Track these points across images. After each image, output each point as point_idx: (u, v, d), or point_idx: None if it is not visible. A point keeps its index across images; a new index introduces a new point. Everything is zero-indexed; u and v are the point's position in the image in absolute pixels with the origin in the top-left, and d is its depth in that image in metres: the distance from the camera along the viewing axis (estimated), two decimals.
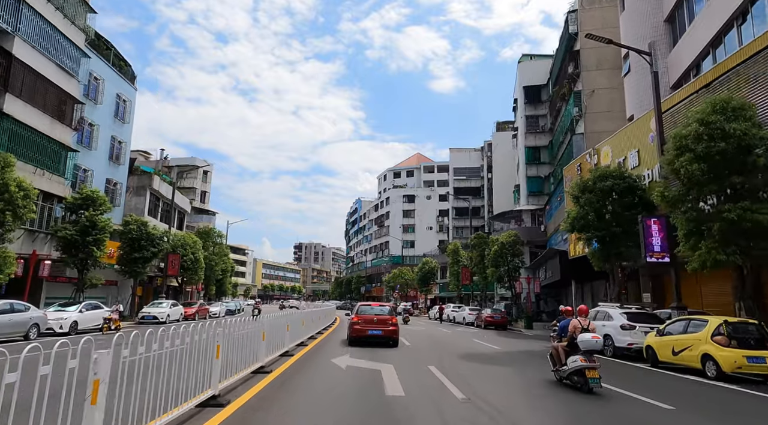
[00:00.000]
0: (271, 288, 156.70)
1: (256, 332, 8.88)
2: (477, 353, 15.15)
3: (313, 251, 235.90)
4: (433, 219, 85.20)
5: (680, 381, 10.35)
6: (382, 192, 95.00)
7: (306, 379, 8.77)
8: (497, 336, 23.92)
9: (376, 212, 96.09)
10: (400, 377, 9.22)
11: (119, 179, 32.63)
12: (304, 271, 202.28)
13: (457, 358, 13.30)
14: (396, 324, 15.85)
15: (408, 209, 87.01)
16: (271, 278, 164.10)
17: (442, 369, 10.69)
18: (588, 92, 30.03)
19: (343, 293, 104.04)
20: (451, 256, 48.59)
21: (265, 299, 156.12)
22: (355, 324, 15.50)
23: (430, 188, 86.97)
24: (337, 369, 10.16)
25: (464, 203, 67.26)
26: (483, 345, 18.12)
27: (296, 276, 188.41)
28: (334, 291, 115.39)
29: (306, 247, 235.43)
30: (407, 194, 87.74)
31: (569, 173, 25.65)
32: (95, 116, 29.62)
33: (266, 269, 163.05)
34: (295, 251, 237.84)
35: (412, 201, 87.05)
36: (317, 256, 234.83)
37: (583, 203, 18.16)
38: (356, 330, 15.34)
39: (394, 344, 15.53)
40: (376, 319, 15.55)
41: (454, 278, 48.46)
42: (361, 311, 16.14)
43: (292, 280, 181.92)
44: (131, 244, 27.92)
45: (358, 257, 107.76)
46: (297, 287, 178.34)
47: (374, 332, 15.27)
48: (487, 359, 13.65)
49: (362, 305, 17.20)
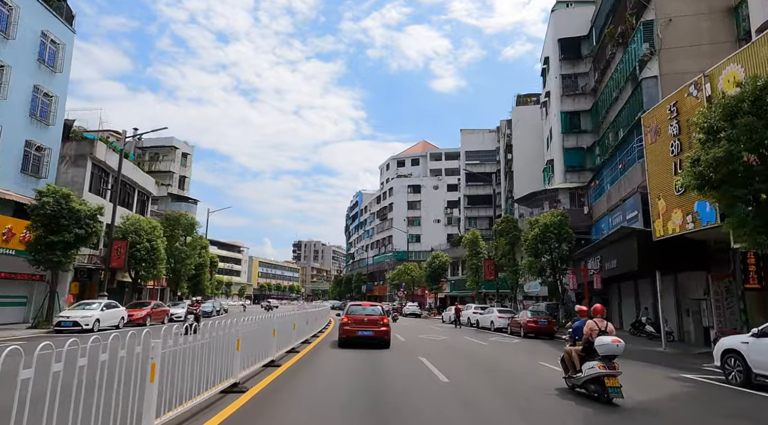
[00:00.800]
0: (267, 288, 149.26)
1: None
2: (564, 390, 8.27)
3: (312, 249, 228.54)
4: (441, 211, 77.67)
5: None
6: (385, 183, 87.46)
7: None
8: (554, 349, 16.45)
9: (378, 204, 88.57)
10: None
11: (47, 144, 25.19)
12: (303, 270, 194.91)
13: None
14: (387, 325, 15.29)
15: (413, 200, 79.45)
16: (268, 277, 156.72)
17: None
18: (663, 22, 22.46)
19: (342, 293, 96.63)
20: (469, 247, 41.12)
21: (260, 299, 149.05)
22: (345, 325, 15.01)
23: (438, 177, 79.43)
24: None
25: (478, 190, 59.71)
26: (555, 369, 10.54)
27: (295, 275, 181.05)
28: (334, 290, 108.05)
29: (305, 245, 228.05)
30: (412, 184, 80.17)
31: (654, 120, 18.09)
32: (3, 54, 22.16)
33: (263, 267, 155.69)
34: (294, 249, 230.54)
35: (417, 191, 79.49)
36: (317, 254, 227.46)
37: (736, 134, 10.63)
38: (346, 331, 14.88)
39: (385, 345, 14.97)
40: (366, 319, 15.06)
41: (472, 274, 40.98)
42: (352, 312, 15.63)
43: (291, 279, 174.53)
44: (46, 223, 20.45)
45: (358, 254, 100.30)
46: (295, 287, 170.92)
47: (365, 333, 14.79)
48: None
49: (353, 306, 16.55)
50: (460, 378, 9.62)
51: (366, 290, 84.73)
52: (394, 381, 9.04)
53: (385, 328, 14.94)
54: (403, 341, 18.07)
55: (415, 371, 10.48)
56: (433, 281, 50.48)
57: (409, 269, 56.75)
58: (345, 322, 15.06)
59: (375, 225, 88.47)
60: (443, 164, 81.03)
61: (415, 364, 11.57)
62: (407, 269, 56.81)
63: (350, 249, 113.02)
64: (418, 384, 8.79)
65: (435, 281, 50.35)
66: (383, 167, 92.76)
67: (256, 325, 8.96)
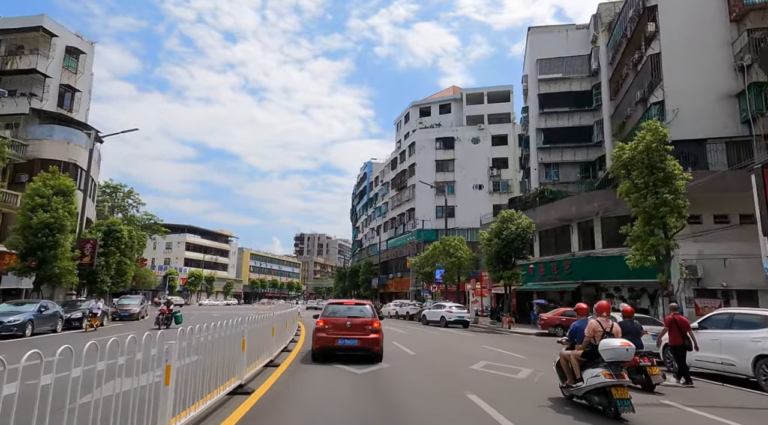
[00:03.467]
0: (260, 284, 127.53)
1: None
2: None
3: (316, 243, 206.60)
4: (484, 173, 55.18)
5: None
6: (403, 139, 65.02)
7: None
8: None
9: (392, 170, 66.12)
10: None
11: None
12: (305, 265, 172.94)
13: None
14: (379, 331, 11.05)
15: (444, 158, 56.96)
16: (262, 273, 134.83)
17: None
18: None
19: (346, 289, 74.37)
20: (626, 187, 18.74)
21: (252, 297, 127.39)
22: (319, 331, 10.92)
23: (478, 126, 56.79)
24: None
25: (560, 121, 37.04)
26: None
27: (295, 271, 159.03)
28: (336, 286, 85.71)
29: (308, 238, 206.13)
30: (442, 137, 57.64)
31: None
32: None
33: (256, 261, 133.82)
34: (296, 243, 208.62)
35: (449, 147, 56.97)
36: (321, 249, 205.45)
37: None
38: (321, 340, 10.83)
39: (376, 358, 10.96)
40: (349, 324, 10.91)
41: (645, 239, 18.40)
42: (331, 313, 11.42)
43: (290, 275, 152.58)
44: None
45: (368, 240, 77.96)
46: (295, 284, 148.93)
47: (346, 341, 10.71)
48: None
49: (332, 305, 12.13)
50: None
51: (378, 285, 62.39)
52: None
53: (374, 335, 10.87)
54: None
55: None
56: (501, 265, 27.84)
57: (452, 246, 34.21)
58: (320, 327, 10.95)
59: (390, 198, 66.02)
60: (486, 109, 58.39)
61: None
62: (449, 247, 34.27)
63: (357, 235, 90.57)
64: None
65: (505, 263, 27.72)
66: (400, 120, 70.11)
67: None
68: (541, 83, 37.61)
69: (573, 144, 35.93)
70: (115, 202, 79.57)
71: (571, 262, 28.65)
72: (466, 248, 34.26)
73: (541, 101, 37.51)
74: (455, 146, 56.83)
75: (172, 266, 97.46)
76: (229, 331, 6.70)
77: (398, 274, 59.64)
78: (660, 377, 8.74)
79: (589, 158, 35.56)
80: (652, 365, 8.74)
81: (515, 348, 16.04)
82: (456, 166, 56.21)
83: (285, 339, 13.24)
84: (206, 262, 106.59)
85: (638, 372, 8.81)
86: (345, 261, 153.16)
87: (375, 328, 10.99)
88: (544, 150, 36.81)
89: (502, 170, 55.03)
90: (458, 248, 33.72)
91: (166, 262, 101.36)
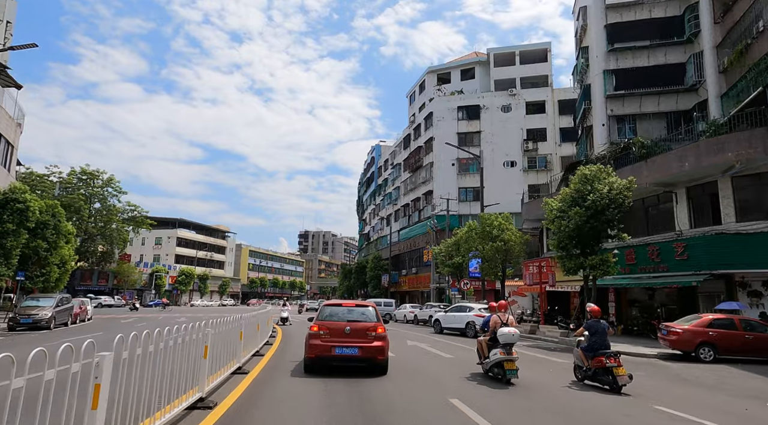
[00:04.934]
0: (261, 284, 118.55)
1: None
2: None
3: (321, 240, 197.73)
4: (517, 147, 45.78)
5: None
6: (417, 113, 55.65)
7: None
8: None
9: (405, 149, 56.79)
10: None
11: None
12: (309, 263, 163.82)
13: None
14: (384, 338, 9.44)
15: (467, 130, 47.57)
16: (263, 271, 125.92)
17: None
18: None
19: (352, 288, 65.09)
20: None
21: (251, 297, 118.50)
22: (314, 338, 9.33)
23: (509, 91, 47.29)
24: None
25: (638, 60, 27.43)
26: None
27: (298, 269, 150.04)
28: (342, 285, 76.42)
29: (313, 236, 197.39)
30: (465, 105, 48.22)
31: None
32: None
33: (255, 258, 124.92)
34: (300, 240, 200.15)
35: (474, 117, 47.57)
36: (326, 247, 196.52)
37: None
38: (316, 348, 9.23)
39: (379, 370, 9.42)
40: (349, 329, 9.31)
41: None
42: (327, 316, 9.80)
43: (293, 274, 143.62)
44: None
45: (376, 232, 68.66)
46: (298, 283, 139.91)
47: (345, 350, 9.12)
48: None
49: (328, 306, 10.30)
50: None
51: (389, 282, 53.02)
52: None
53: (378, 343, 9.30)
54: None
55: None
56: (582, 248, 18.22)
57: (494, 226, 24.68)
58: (314, 333, 9.34)
59: (402, 182, 56.65)
60: (518, 71, 48.83)
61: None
62: (490, 227, 24.71)
63: (363, 228, 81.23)
64: None
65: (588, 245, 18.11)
66: (413, 92, 60.61)
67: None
68: (610, 11, 28.09)
69: (656, 89, 26.38)
70: (91, 190, 71.02)
71: (687, 244, 19.11)
72: (514, 228, 24.81)
73: (609, 34, 27.98)
74: (481, 115, 47.39)
75: (161, 264, 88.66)
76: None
77: (413, 270, 50.29)
78: (626, 377, 8.52)
79: (679, 107, 25.98)
80: (618, 365, 8.56)
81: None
82: (483, 139, 46.76)
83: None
84: (200, 259, 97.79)
85: (605, 373, 8.71)
86: (351, 259, 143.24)
87: (379, 334, 9.39)
88: (616, 99, 27.26)
89: (540, 143, 45.53)
90: (504, 228, 24.26)
91: (156, 259, 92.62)
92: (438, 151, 48.05)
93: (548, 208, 19.44)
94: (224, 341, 8.00)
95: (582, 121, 31.57)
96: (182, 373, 5.59)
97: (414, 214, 52.58)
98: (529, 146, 45.42)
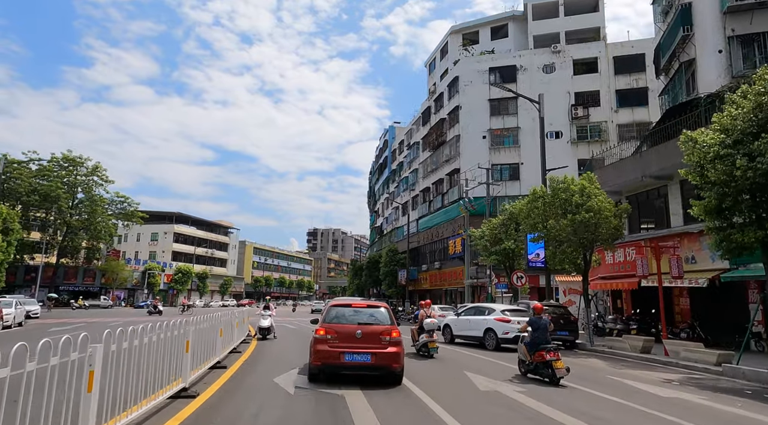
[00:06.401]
0: (266, 283, 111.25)
1: None
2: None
3: (330, 238, 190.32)
4: (562, 115, 37.72)
5: None
6: (438, 82, 47.67)
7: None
8: None
9: (425, 124, 48.87)
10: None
11: None
12: (317, 262, 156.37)
13: None
14: (399, 343, 8.40)
15: (501, 96, 39.52)
16: (268, 270, 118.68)
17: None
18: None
19: (363, 286, 57.26)
20: None
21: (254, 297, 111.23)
22: (320, 342, 8.28)
23: (552, 47, 39.16)
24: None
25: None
26: None
27: (306, 268, 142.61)
28: (351, 284, 68.53)
29: (322, 234, 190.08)
30: (498, 67, 40.22)
31: None
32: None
33: (260, 256, 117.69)
34: (309, 238, 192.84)
35: (509, 80, 39.54)
36: (336, 245, 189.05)
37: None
38: (323, 354, 8.17)
39: (393, 379, 8.37)
40: (360, 333, 8.28)
41: None
42: (334, 317, 8.71)
43: (300, 273, 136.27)
44: None
45: (389, 223, 60.77)
46: (306, 282, 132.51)
47: (356, 357, 8.08)
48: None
49: (335, 307, 9.07)
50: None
51: (406, 279, 45.10)
52: None
53: (394, 349, 8.25)
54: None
55: None
56: (754, 213, 10.36)
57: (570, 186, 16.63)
58: (321, 337, 8.29)
59: (421, 163, 48.72)
60: (563, 24, 40.59)
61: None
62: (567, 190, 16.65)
63: (375, 221, 73.34)
64: None
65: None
66: (433, 58, 52.51)
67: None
68: None
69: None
70: (74, 178, 64.05)
71: None
72: (604, 195, 16.77)
73: None
74: (518, 77, 39.37)
75: (157, 261, 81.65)
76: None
77: (435, 264, 42.34)
78: (564, 371, 8.88)
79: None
80: (557, 359, 8.93)
81: None
82: (520, 106, 38.75)
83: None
84: (199, 256, 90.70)
85: (545, 367, 9.08)
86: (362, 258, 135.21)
87: (394, 339, 8.36)
88: (740, 14, 19.11)
89: (591, 108, 37.38)
90: (592, 194, 16.23)
91: (152, 256, 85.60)
92: (465, 121, 40.07)
93: (694, 149, 11.46)
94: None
95: (672, 58, 23.40)
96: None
97: (436, 199, 44.63)
98: (578, 112, 37.29)
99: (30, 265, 59.89)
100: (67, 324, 23.89)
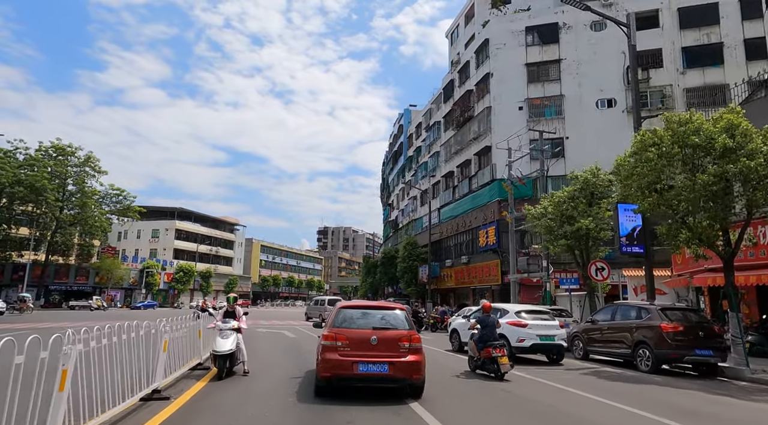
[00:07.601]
0: (273, 282, 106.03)
1: None
2: None
3: (341, 237, 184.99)
4: (615, 79, 31.70)
5: None
6: (462, 52, 41.77)
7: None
8: None
9: (447, 101, 42.94)
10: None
11: None
12: (328, 261, 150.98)
13: None
14: (419, 350, 7.19)
15: (540, 60, 33.60)
16: (276, 269, 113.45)
17: None
18: None
19: (378, 285, 51.43)
20: None
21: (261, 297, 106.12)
22: (329, 350, 7.04)
23: (603, 1, 33.07)
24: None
25: None
26: None
27: (316, 267, 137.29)
28: (364, 283, 62.82)
29: (333, 232, 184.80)
30: (536, 25, 34.27)
31: None
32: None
33: (268, 254, 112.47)
34: (319, 237, 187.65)
35: (550, 40, 33.60)
36: (347, 243, 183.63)
37: None
38: (333, 364, 6.92)
39: (413, 391, 7.26)
40: (375, 339, 7.04)
41: None
42: (343, 321, 7.42)
43: (310, 272, 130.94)
44: None
45: (405, 215, 54.88)
46: (316, 282, 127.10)
47: (372, 367, 6.86)
48: None
49: (345, 309, 7.78)
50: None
51: (428, 276, 39.20)
52: None
53: (414, 357, 7.04)
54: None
55: None
56: None
57: (711, 126, 10.70)
58: (329, 344, 7.05)
59: (443, 145, 42.79)
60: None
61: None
62: (707, 130, 10.74)
63: (389, 215, 67.45)
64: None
65: None
66: (456, 25, 46.48)
67: None
68: None
69: None
70: (63, 169, 59.13)
71: None
72: None
73: None
74: (561, 37, 33.34)
75: (157, 259, 76.72)
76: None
77: (462, 259, 36.39)
78: (508, 366, 9.24)
79: None
80: (502, 356, 9.24)
81: None
82: (563, 71, 32.77)
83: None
84: (203, 254, 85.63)
85: (491, 362, 9.41)
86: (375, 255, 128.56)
87: (414, 346, 7.11)
88: None
89: (652, 70, 31.23)
90: (746, 132, 10.27)
91: (153, 254, 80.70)
92: (498, 91, 34.12)
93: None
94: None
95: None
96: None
97: (462, 183, 38.69)
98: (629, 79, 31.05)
99: (18, 263, 55.03)
100: (19, 329, 18.37)
